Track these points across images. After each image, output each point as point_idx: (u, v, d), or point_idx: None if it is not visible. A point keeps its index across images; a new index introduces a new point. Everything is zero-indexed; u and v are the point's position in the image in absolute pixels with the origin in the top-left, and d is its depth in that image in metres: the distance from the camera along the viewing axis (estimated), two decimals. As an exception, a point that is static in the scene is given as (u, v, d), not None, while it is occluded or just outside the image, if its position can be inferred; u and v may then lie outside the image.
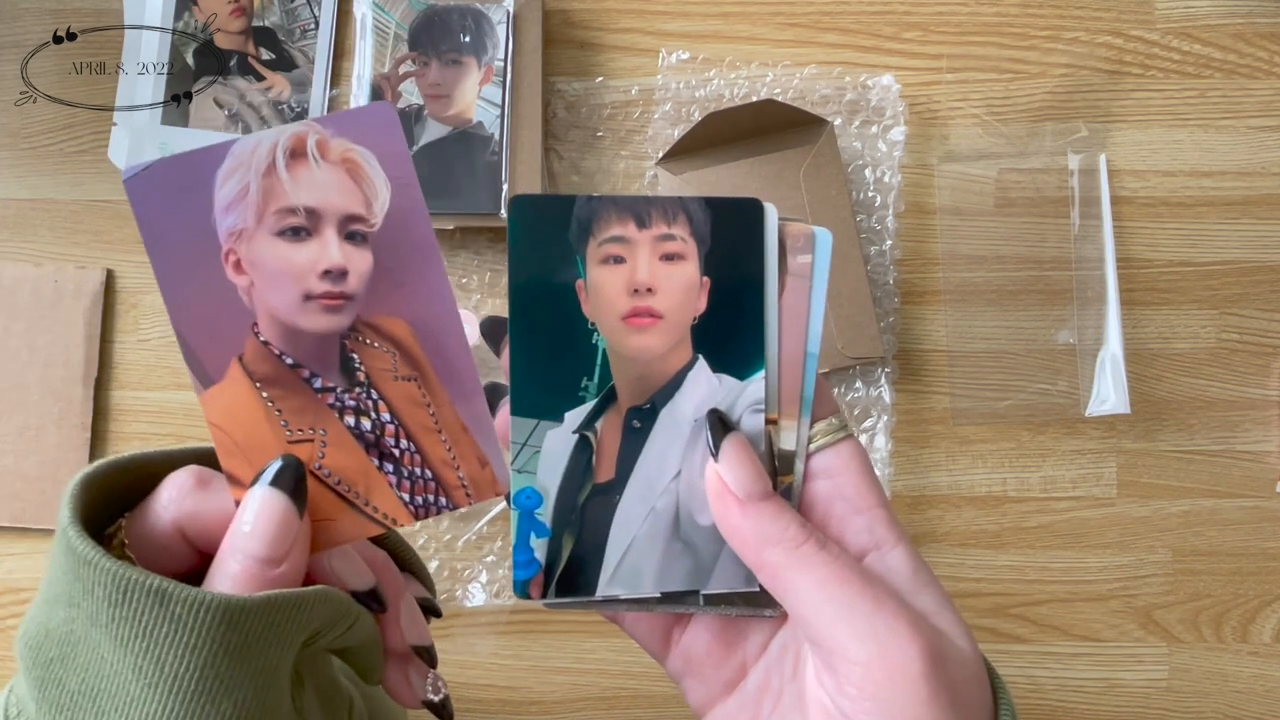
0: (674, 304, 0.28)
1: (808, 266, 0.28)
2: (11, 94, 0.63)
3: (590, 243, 0.28)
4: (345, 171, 0.28)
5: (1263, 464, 0.63)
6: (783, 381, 0.28)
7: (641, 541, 0.28)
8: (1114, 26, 0.65)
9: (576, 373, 0.28)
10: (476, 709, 0.61)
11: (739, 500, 0.27)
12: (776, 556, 0.26)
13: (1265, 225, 0.64)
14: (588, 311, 0.28)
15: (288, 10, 0.64)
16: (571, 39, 0.65)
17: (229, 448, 0.28)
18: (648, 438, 0.28)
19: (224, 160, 0.27)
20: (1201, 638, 0.62)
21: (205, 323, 0.28)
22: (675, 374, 0.28)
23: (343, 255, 0.28)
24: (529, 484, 0.28)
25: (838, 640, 0.25)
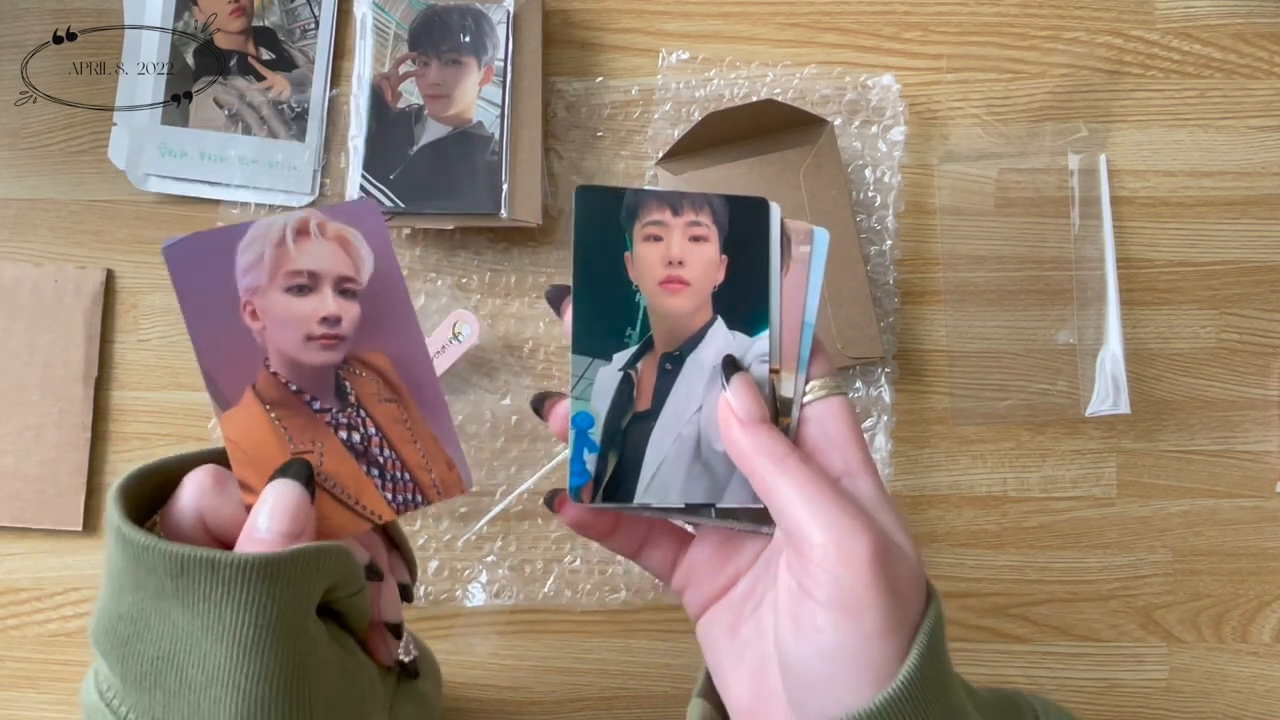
0: (699, 275, 0.36)
1: (807, 255, 0.36)
2: (11, 94, 0.63)
3: (636, 224, 0.36)
4: (339, 245, 0.36)
5: (1263, 464, 0.63)
6: (784, 341, 0.36)
7: (670, 461, 0.35)
8: (1114, 26, 0.65)
9: (623, 324, 0.35)
10: (476, 709, 0.61)
11: (741, 421, 0.34)
12: (765, 465, 0.33)
13: (1265, 225, 0.64)
14: (633, 277, 0.36)
15: (288, 10, 0.64)
16: (571, 39, 0.65)
17: (242, 459, 0.34)
18: (677, 378, 0.35)
19: (244, 235, 0.35)
20: (1201, 638, 0.62)
21: (225, 359, 0.35)
22: (699, 329, 0.36)
23: (337, 306, 0.36)
24: (584, 409, 0.35)
25: (804, 528, 0.31)
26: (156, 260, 0.63)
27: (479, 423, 0.62)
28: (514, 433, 0.62)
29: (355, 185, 0.60)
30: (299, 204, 0.63)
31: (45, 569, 0.62)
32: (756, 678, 0.34)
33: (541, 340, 0.63)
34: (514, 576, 0.61)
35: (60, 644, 0.61)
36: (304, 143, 0.63)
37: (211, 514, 0.33)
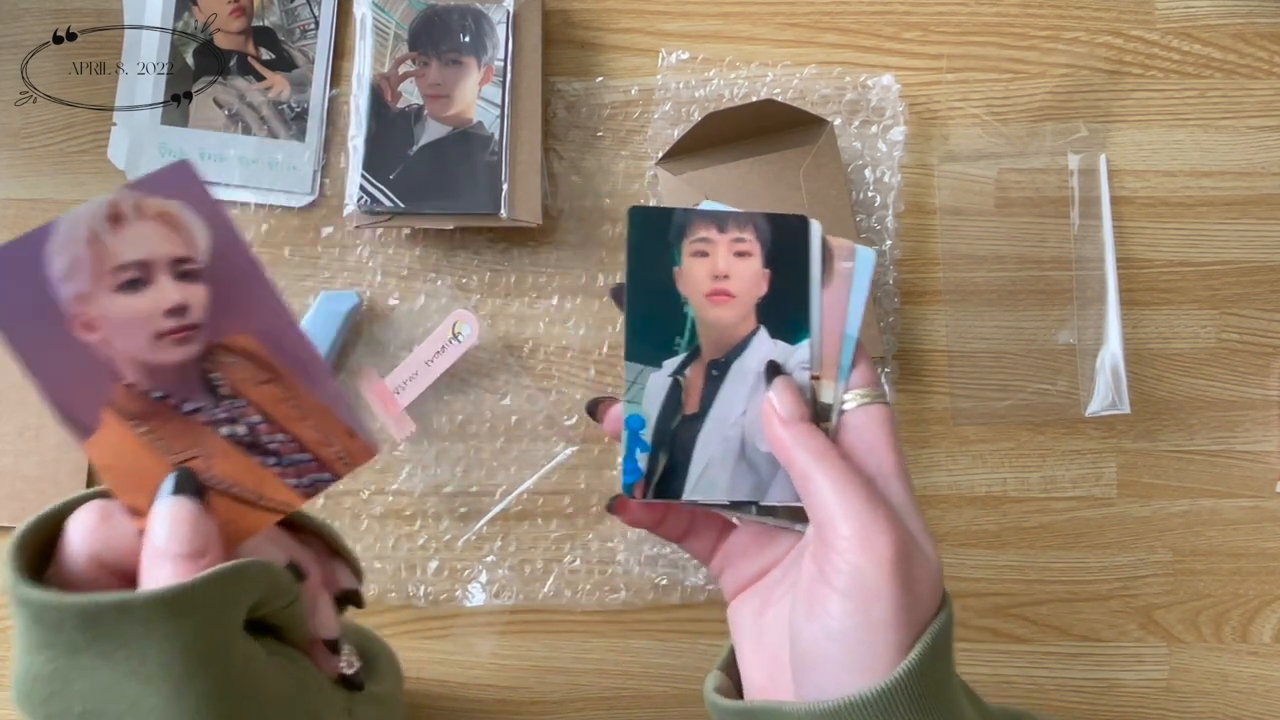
0: (743, 287, 0.38)
1: (849, 270, 0.38)
2: (11, 94, 0.63)
3: (685, 241, 0.38)
4: (163, 223, 0.32)
5: (1263, 464, 0.63)
6: (824, 350, 0.38)
7: (716, 460, 0.38)
8: (1114, 26, 0.65)
9: (672, 333, 0.38)
10: (476, 709, 0.61)
11: (781, 418, 0.36)
12: (804, 457, 0.34)
13: (1265, 225, 0.64)
14: (681, 289, 0.38)
15: (288, 10, 0.64)
16: (571, 39, 0.65)
17: (122, 484, 0.32)
18: (723, 383, 0.38)
19: (49, 239, 0.31)
20: (1201, 638, 0.62)
21: (69, 383, 0.31)
22: (743, 338, 0.38)
23: (180, 293, 0.32)
24: (636, 411, 0.37)
25: (833, 519, 0.33)
26: (156, 260, 0.63)
27: (479, 423, 0.62)
28: (514, 433, 0.62)
29: (355, 185, 0.60)
30: (299, 204, 0.63)
31: (45, 569, 0.62)
32: (772, 658, 0.36)
33: (541, 340, 0.63)
34: (514, 576, 0.61)
35: (60, 644, 0.61)
36: (304, 143, 0.63)
37: (106, 551, 0.31)
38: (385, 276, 0.63)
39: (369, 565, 0.61)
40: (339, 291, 0.61)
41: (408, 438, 0.61)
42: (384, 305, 0.62)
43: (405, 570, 0.61)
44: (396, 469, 0.62)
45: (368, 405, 0.61)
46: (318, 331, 0.60)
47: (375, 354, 0.62)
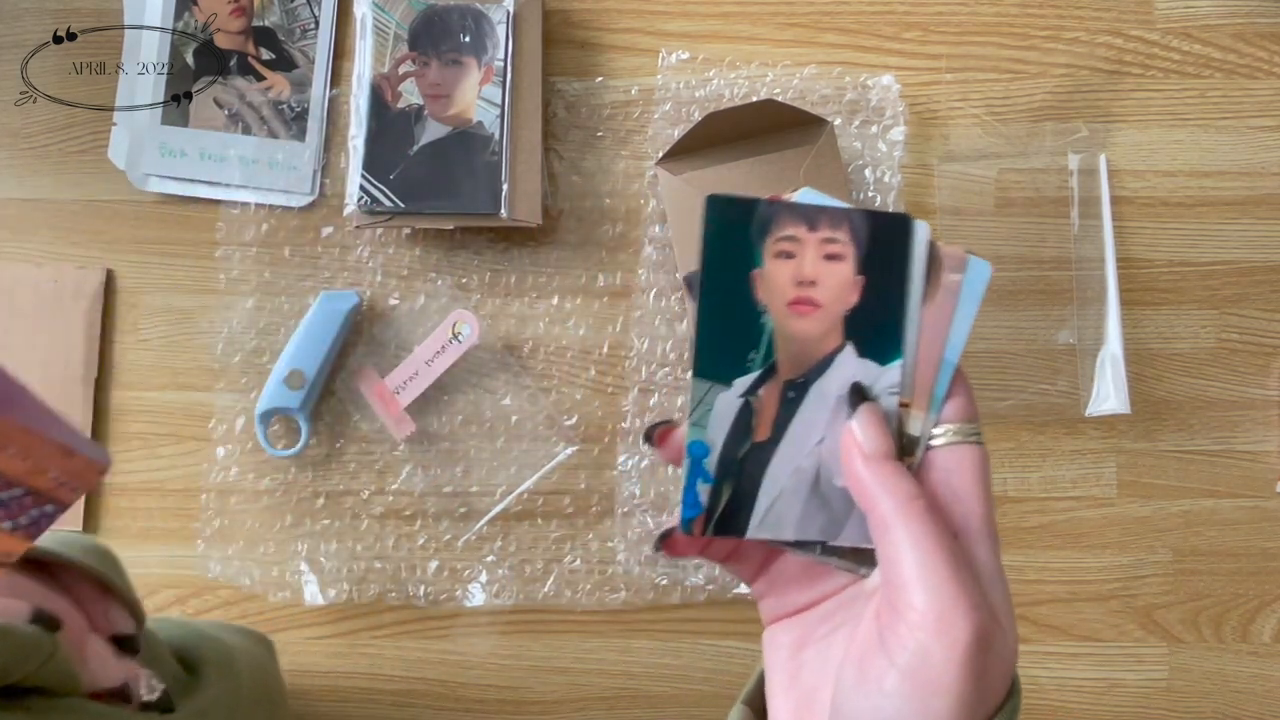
0: (831, 296, 0.33)
1: (957, 284, 0.33)
2: (11, 94, 0.63)
3: (768, 239, 0.33)
4: None
5: (1263, 464, 0.63)
6: (917, 375, 0.33)
7: (787, 494, 0.33)
8: (1114, 26, 0.65)
9: (746, 346, 0.33)
10: (476, 709, 0.61)
11: (864, 454, 0.31)
12: (888, 505, 0.30)
13: (1265, 225, 0.64)
14: (760, 296, 0.33)
15: (288, 10, 0.64)
16: (571, 39, 0.65)
17: (25, 474, 0.28)
18: (799, 407, 0.33)
19: None
20: (1201, 638, 0.62)
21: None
22: (826, 355, 0.33)
23: None
24: (700, 437, 0.33)
25: (909, 585, 0.28)
26: (156, 260, 0.63)
27: (479, 423, 0.62)
28: (514, 433, 0.62)
29: (355, 185, 0.60)
30: (299, 204, 0.63)
31: None
32: (804, 703, 0.33)
33: (541, 340, 0.63)
34: (514, 576, 0.61)
35: (60, 644, 0.61)
36: (304, 143, 0.63)
37: None
38: (385, 276, 0.63)
39: (369, 565, 0.61)
40: (339, 291, 0.61)
41: (408, 438, 0.61)
42: (384, 305, 0.62)
43: (405, 570, 0.61)
44: (396, 469, 0.62)
45: (368, 405, 0.61)
46: (318, 331, 0.60)
47: (375, 354, 0.62)
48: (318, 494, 0.62)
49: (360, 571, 0.61)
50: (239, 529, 0.61)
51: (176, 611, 0.62)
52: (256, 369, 0.62)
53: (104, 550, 0.39)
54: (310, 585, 0.61)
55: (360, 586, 0.61)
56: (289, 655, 0.62)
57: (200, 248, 0.63)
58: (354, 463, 0.62)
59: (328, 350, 0.60)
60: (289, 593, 0.61)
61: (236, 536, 0.61)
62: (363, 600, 0.61)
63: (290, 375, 0.60)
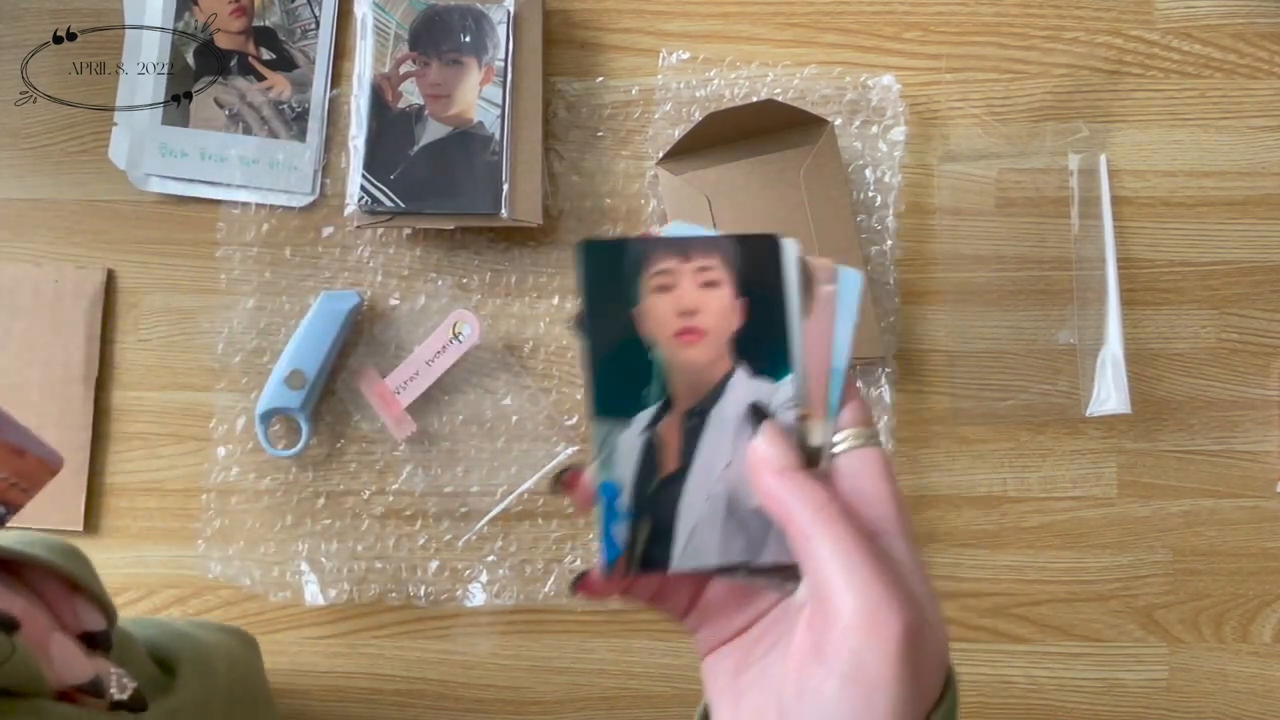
0: (714, 322, 0.34)
1: (832, 295, 0.34)
2: (11, 94, 0.63)
3: (643, 275, 0.34)
4: None
5: (1263, 464, 0.63)
6: (810, 386, 0.34)
7: (704, 522, 0.33)
8: (1114, 26, 0.65)
9: (640, 382, 0.34)
10: (476, 709, 0.61)
11: (773, 469, 0.32)
12: (803, 513, 0.30)
13: (1265, 225, 0.64)
14: (646, 332, 0.34)
15: (288, 10, 0.64)
16: (571, 39, 0.65)
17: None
18: (702, 434, 0.34)
19: None
20: (1201, 638, 0.62)
21: None
22: (719, 380, 0.34)
23: None
24: (609, 477, 0.33)
25: (837, 590, 0.29)
26: (156, 260, 0.63)
27: (479, 423, 0.62)
28: (514, 432, 0.62)
29: (356, 185, 0.60)
30: (300, 204, 0.63)
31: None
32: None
33: (542, 340, 0.63)
34: (514, 576, 0.61)
35: (60, 644, 0.61)
36: (305, 143, 0.63)
37: None
38: (386, 276, 0.63)
39: (369, 565, 0.61)
40: (340, 291, 0.61)
41: (408, 438, 0.61)
42: (384, 305, 0.62)
43: (405, 570, 0.61)
44: (397, 469, 0.62)
45: (369, 405, 0.61)
46: (318, 331, 0.60)
47: (376, 354, 0.62)
48: (318, 494, 0.62)
49: (361, 571, 0.61)
50: (239, 529, 0.61)
51: (177, 611, 0.62)
52: (257, 369, 0.62)
53: (71, 549, 0.39)
54: (311, 585, 0.61)
55: (361, 586, 0.61)
56: (289, 655, 0.62)
57: (201, 248, 0.63)
58: (354, 463, 0.62)
59: (328, 350, 0.60)
60: (289, 593, 0.61)
61: (237, 536, 0.61)
62: (363, 600, 0.61)
63: (291, 375, 0.60)
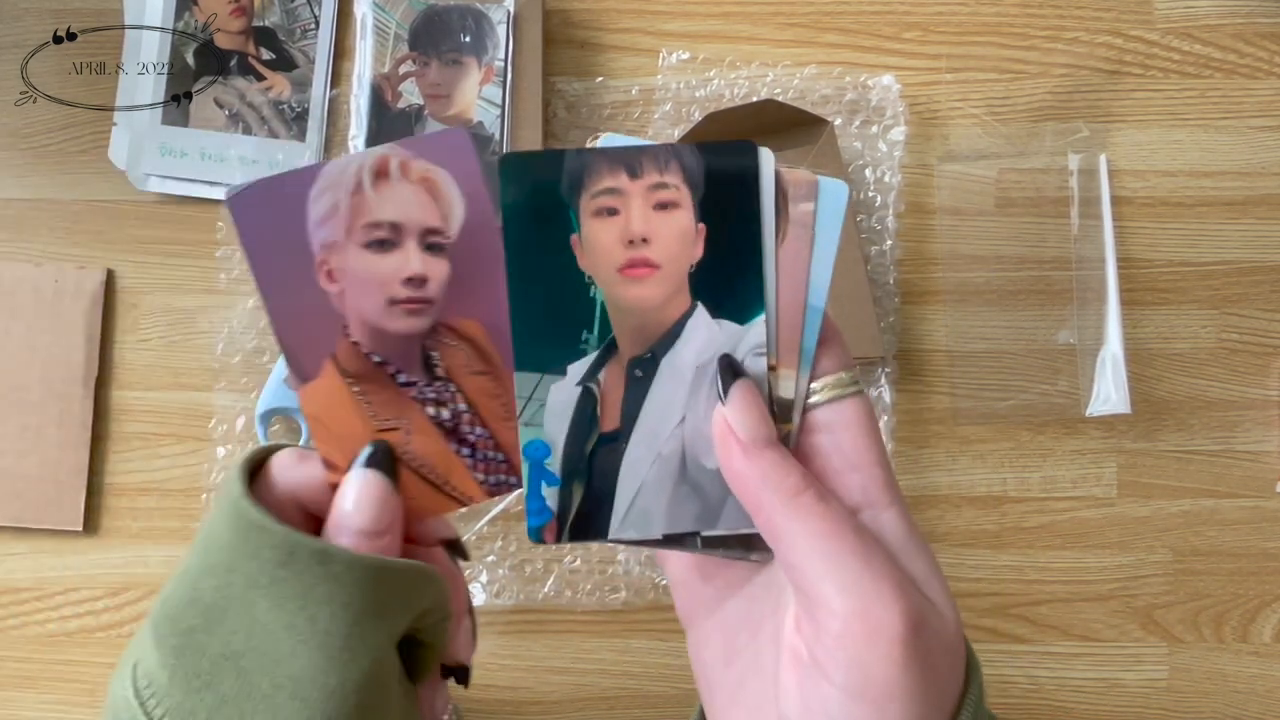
0: (670, 253, 0.28)
1: (810, 214, 0.28)
2: (11, 94, 0.63)
3: (583, 196, 0.28)
4: (424, 189, 0.30)
5: (1263, 464, 0.63)
6: (781, 329, 0.28)
7: (650, 486, 0.29)
8: (1114, 26, 0.65)
9: (576, 326, 0.29)
10: (476, 709, 0.61)
11: (742, 444, 0.27)
12: (774, 502, 0.26)
13: (1265, 225, 0.64)
14: (584, 265, 0.28)
15: (288, 10, 0.64)
16: (571, 39, 0.65)
17: (324, 435, 0.30)
18: (650, 386, 0.29)
19: (316, 181, 0.30)
20: (1201, 638, 0.62)
21: (301, 327, 0.30)
22: (674, 322, 0.29)
23: (423, 264, 0.30)
24: (537, 436, 0.29)
25: (822, 591, 0.25)
26: (157, 260, 0.63)
27: (479, 423, 0.62)
28: (514, 433, 0.62)
29: (355, 185, 0.60)
30: (299, 204, 0.63)
31: (45, 569, 0.62)
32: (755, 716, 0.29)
33: (541, 340, 0.63)
34: (514, 576, 0.61)
35: (60, 644, 0.61)
36: (304, 143, 0.63)
37: (301, 491, 0.30)
38: (385, 276, 0.62)
39: (369, 565, 0.61)
40: (339, 291, 0.61)
41: (408, 438, 0.61)
42: (384, 305, 0.62)
43: (405, 570, 0.61)
44: (397, 469, 0.62)
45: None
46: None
47: (375, 354, 0.62)
48: (318, 494, 0.62)
49: (360, 571, 0.61)
50: (239, 529, 0.61)
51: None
52: (257, 369, 0.62)
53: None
54: (310, 585, 0.61)
55: (360, 586, 0.61)
56: (289, 655, 0.62)
57: (200, 248, 0.63)
58: (354, 463, 0.62)
59: (328, 350, 0.60)
60: (289, 593, 0.61)
61: (237, 536, 0.61)
62: (363, 600, 0.61)
63: (290, 375, 0.60)
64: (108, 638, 0.62)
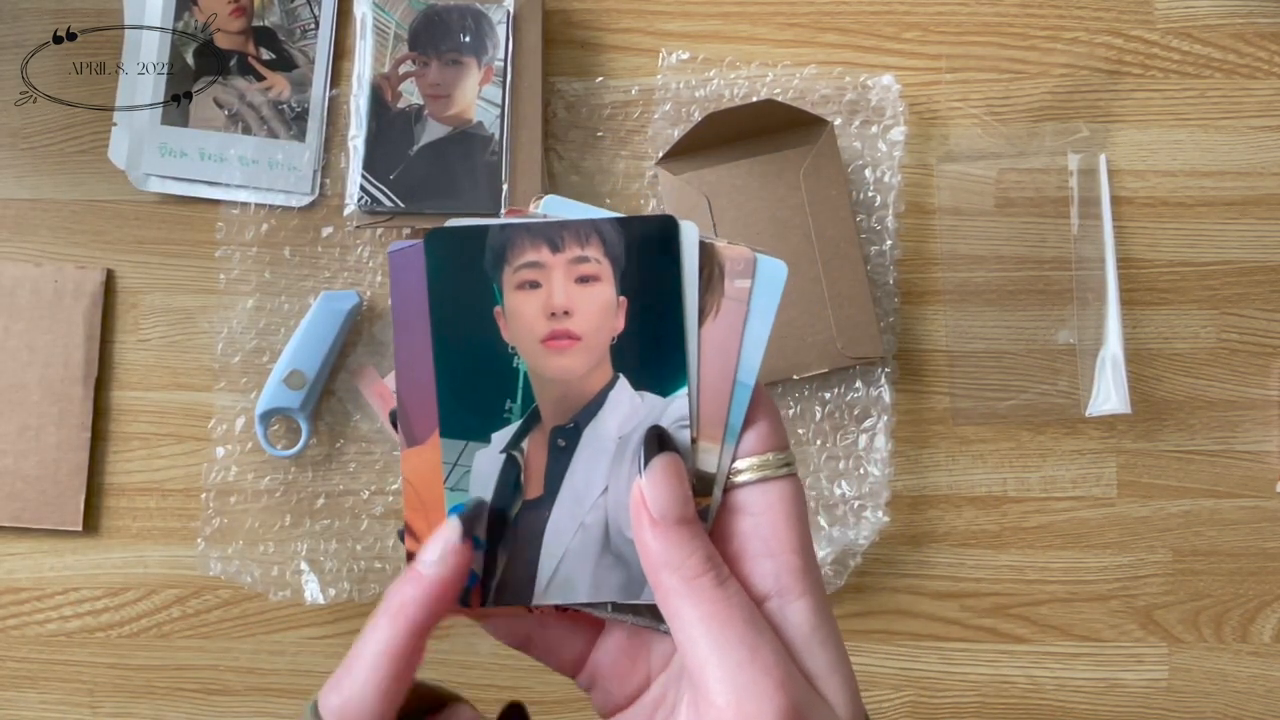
0: (591, 325, 0.29)
1: (745, 292, 0.28)
2: (11, 94, 0.63)
3: (506, 270, 0.29)
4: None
5: (1263, 464, 0.63)
6: (704, 404, 0.28)
7: (573, 554, 0.29)
8: (1114, 26, 0.65)
9: (500, 396, 0.29)
10: (477, 709, 0.61)
11: (652, 519, 0.27)
12: (671, 582, 0.26)
13: (1265, 225, 0.64)
14: (507, 337, 0.29)
15: (288, 10, 0.64)
16: (571, 39, 0.65)
17: (414, 503, 0.30)
18: (573, 455, 0.29)
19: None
20: (1201, 638, 0.62)
21: (423, 393, 0.30)
22: (597, 393, 0.29)
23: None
24: (462, 501, 0.29)
25: (705, 679, 0.25)
26: (156, 260, 0.63)
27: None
28: (514, 433, 0.62)
29: (355, 185, 0.60)
30: (299, 204, 0.63)
31: (45, 569, 0.62)
32: None
33: (541, 340, 0.63)
34: (514, 576, 0.61)
35: (60, 644, 0.61)
36: (304, 143, 0.63)
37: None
38: (385, 276, 0.63)
39: (370, 565, 0.61)
40: (339, 291, 0.61)
41: (408, 438, 0.61)
42: (384, 305, 0.62)
43: (405, 570, 0.61)
44: (397, 469, 0.62)
45: (368, 405, 0.61)
46: (318, 331, 0.60)
47: (375, 354, 0.62)
48: (318, 494, 0.62)
49: (361, 571, 0.61)
50: (239, 529, 0.61)
51: (177, 611, 0.62)
52: (256, 369, 0.62)
53: None
54: (311, 585, 0.61)
55: (361, 586, 0.61)
56: (289, 655, 0.62)
57: (200, 248, 0.63)
58: (354, 463, 0.62)
59: (328, 350, 0.60)
60: (289, 592, 0.61)
61: (236, 536, 0.61)
62: (363, 600, 0.61)
63: (290, 375, 0.60)
64: (108, 638, 0.62)
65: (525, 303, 0.29)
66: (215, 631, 0.62)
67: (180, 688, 0.62)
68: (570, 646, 0.32)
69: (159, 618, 0.62)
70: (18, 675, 0.61)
